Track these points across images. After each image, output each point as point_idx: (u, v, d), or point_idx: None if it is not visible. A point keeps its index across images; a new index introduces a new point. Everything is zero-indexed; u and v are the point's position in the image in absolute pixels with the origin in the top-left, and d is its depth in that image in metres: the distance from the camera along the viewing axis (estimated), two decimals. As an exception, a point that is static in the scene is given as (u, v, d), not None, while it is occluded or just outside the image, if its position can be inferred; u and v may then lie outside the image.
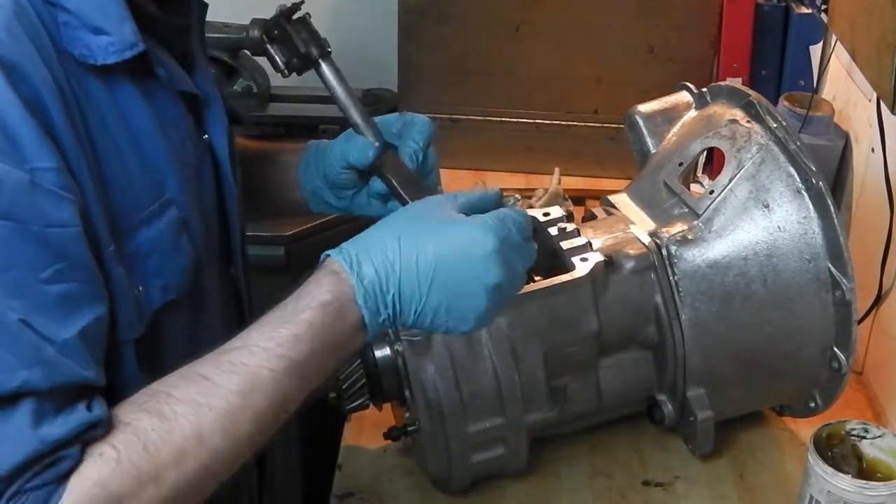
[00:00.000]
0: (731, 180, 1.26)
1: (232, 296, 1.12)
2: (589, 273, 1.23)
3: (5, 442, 0.79)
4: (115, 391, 0.88)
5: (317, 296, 0.90)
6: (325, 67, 1.14)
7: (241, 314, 1.14)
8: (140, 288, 0.92)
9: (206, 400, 0.84)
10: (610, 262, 1.25)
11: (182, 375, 0.86)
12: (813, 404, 1.31)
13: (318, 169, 1.23)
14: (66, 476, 0.80)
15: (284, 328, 0.88)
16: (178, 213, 0.96)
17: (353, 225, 2.04)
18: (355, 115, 1.16)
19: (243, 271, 1.14)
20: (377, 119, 1.19)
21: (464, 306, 0.93)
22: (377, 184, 1.19)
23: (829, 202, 1.21)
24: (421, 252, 0.91)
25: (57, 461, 0.80)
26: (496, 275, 0.93)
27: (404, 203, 1.12)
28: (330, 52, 1.14)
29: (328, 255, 0.93)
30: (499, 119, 2.04)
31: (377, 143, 1.15)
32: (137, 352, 0.93)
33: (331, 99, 1.16)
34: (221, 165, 1.07)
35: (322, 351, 0.89)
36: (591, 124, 2.03)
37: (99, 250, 0.88)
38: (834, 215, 1.21)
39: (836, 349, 1.24)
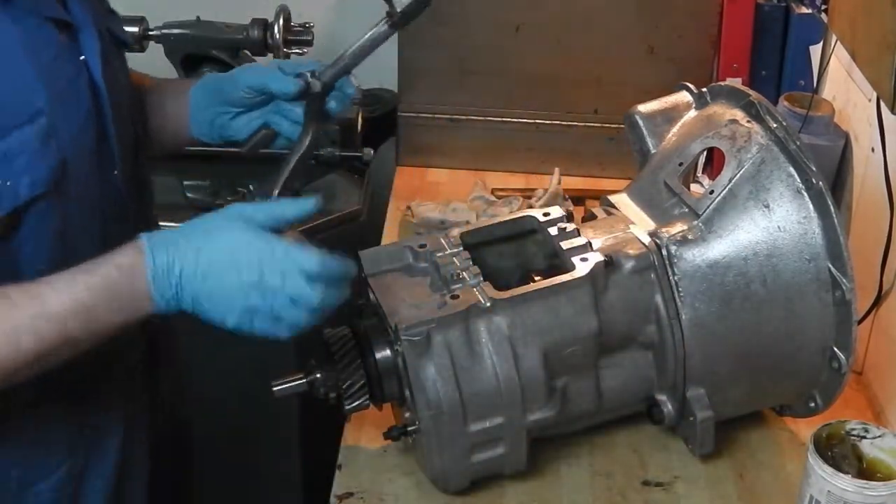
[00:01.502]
0: (731, 180, 1.26)
1: (114, 197, 1.25)
2: (589, 273, 1.24)
3: None
4: None
5: (117, 258, 1.10)
6: None
7: (124, 214, 1.27)
8: (8, 182, 1.09)
9: (2, 314, 1.06)
10: (610, 262, 1.25)
11: None
12: (813, 404, 1.31)
13: (215, 87, 1.39)
14: None
15: (84, 276, 1.09)
16: (47, 121, 1.11)
17: (351, 226, 2.04)
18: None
19: (132, 179, 1.28)
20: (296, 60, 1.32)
21: (228, 298, 1.11)
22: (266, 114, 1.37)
23: (829, 202, 1.21)
24: (202, 249, 1.10)
25: None
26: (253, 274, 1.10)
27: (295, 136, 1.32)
28: None
29: (140, 237, 1.12)
30: (499, 119, 2.04)
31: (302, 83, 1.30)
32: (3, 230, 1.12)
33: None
34: (97, 83, 1.20)
35: (109, 299, 1.09)
36: (591, 124, 2.03)
37: None
38: (834, 215, 1.21)
39: (836, 349, 1.24)
